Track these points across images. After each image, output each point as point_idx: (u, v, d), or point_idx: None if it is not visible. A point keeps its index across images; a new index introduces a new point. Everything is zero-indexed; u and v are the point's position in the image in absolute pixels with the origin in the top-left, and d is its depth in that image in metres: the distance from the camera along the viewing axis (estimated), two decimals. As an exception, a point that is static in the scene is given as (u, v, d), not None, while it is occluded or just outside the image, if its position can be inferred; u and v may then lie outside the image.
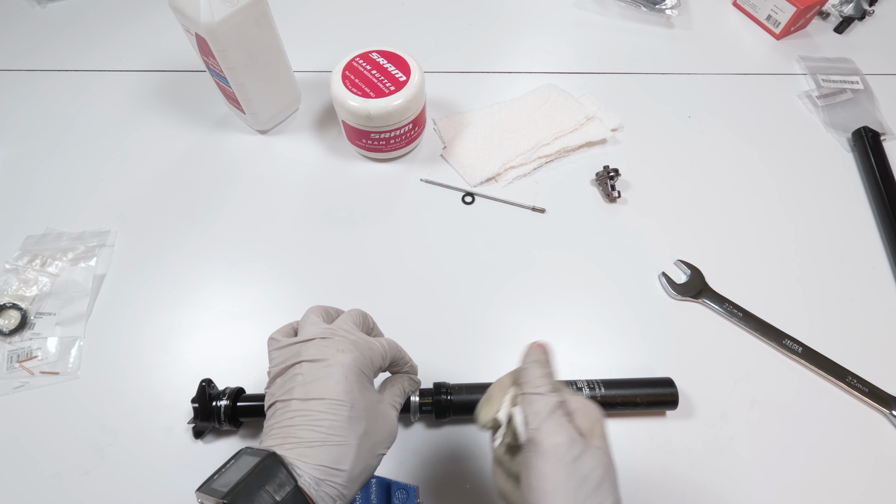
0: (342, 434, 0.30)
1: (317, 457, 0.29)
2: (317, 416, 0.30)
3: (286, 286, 0.56)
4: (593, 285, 0.57)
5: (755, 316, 0.55)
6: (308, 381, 0.31)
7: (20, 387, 0.50)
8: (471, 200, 0.62)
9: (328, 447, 0.30)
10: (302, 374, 0.32)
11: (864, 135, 0.66)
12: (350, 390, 0.31)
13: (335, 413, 0.30)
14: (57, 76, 0.72)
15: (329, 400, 0.31)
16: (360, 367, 0.33)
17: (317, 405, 0.31)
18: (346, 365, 0.32)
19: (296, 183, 0.63)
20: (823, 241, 0.60)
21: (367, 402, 0.32)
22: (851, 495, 0.47)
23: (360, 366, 0.33)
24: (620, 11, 0.81)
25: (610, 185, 0.62)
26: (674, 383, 0.48)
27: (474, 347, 0.53)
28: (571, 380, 0.48)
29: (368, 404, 0.33)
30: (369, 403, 0.33)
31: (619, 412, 0.49)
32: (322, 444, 0.30)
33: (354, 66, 0.59)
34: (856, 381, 0.51)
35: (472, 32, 0.78)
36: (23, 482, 0.46)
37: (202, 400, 0.45)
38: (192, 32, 0.54)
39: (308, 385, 0.31)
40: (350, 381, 0.32)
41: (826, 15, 0.80)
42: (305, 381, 0.31)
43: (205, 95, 0.69)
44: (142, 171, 0.64)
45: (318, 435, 0.30)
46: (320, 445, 0.30)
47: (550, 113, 0.68)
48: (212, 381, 0.47)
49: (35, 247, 0.57)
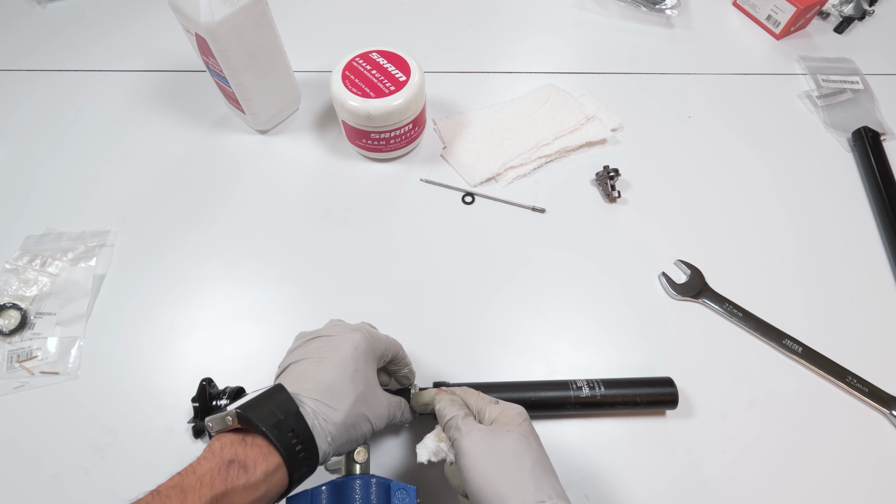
0: (344, 385, 0.37)
1: (320, 394, 0.36)
2: (326, 369, 0.37)
3: (286, 286, 0.56)
4: (593, 285, 0.57)
5: (755, 316, 0.55)
6: (323, 347, 0.39)
7: (20, 387, 0.50)
8: (471, 200, 0.62)
9: (330, 390, 0.36)
10: (318, 345, 0.39)
11: (864, 135, 0.66)
12: (357, 357, 0.38)
13: (342, 369, 0.37)
14: (57, 76, 0.72)
15: (339, 360, 0.37)
16: (368, 345, 0.39)
17: (328, 363, 0.37)
18: (356, 339, 0.39)
19: (296, 183, 0.63)
20: (823, 241, 0.60)
21: (367, 374, 0.39)
22: (851, 495, 0.47)
23: (367, 344, 0.39)
24: (620, 11, 0.81)
25: (610, 185, 0.62)
26: (673, 383, 0.48)
27: (474, 347, 0.53)
28: (571, 379, 0.48)
29: (369, 376, 0.39)
30: (370, 377, 0.39)
31: (620, 412, 0.49)
32: (326, 387, 0.36)
33: (354, 66, 0.59)
34: (856, 381, 0.51)
35: (472, 32, 0.78)
36: (23, 482, 0.46)
37: (202, 399, 0.45)
38: (192, 32, 0.54)
39: (322, 350, 0.38)
40: (358, 351, 0.38)
41: (826, 15, 0.80)
42: (320, 347, 0.39)
43: (205, 95, 0.69)
44: (142, 171, 0.64)
45: (324, 381, 0.36)
46: (324, 387, 0.36)
47: (550, 113, 0.68)
48: (212, 381, 0.47)
49: (35, 247, 0.57)
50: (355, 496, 0.36)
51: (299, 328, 0.42)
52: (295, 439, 0.33)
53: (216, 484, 0.30)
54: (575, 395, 0.47)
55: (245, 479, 0.31)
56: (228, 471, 0.31)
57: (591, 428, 0.49)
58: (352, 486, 0.37)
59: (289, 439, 0.33)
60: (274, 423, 0.33)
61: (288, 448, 0.33)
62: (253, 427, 0.33)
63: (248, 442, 0.33)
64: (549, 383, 0.48)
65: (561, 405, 0.47)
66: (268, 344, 0.52)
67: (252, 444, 0.33)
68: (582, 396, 0.47)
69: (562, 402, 0.47)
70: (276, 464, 0.32)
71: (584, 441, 0.48)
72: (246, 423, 0.33)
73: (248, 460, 0.32)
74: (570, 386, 0.47)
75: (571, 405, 0.47)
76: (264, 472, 0.32)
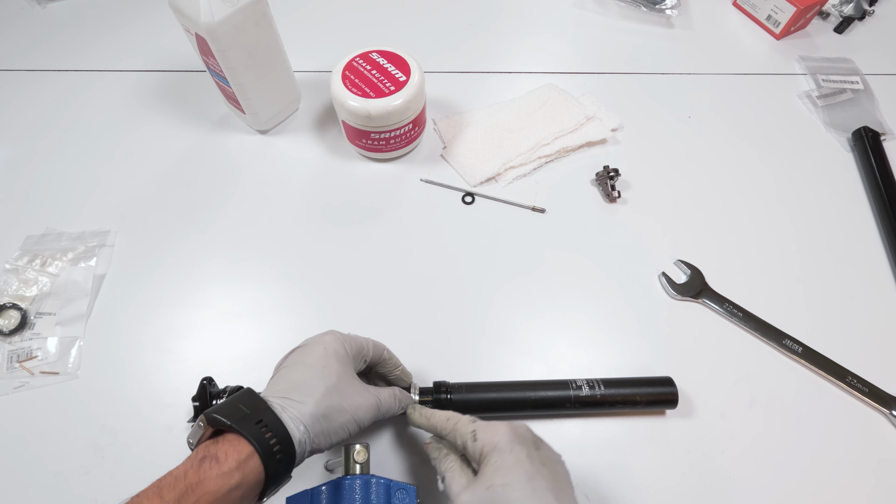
0: (311, 380, 0.38)
1: (287, 392, 0.37)
2: (296, 371, 0.39)
3: (286, 286, 0.56)
4: (593, 285, 0.57)
5: (755, 316, 0.55)
6: (296, 354, 0.40)
7: (20, 387, 0.50)
8: (471, 200, 0.62)
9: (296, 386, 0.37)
10: (293, 356, 0.40)
11: (864, 135, 0.66)
12: (326, 355, 0.39)
13: (310, 367, 0.38)
14: (57, 76, 0.72)
15: (309, 360, 0.39)
16: (339, 344, 0.40)
17: (298, 366, 0.39)
18: (326, 340, 0.40)
19: (296, 183, 0.63)
20: (823, 241, 0.60)
21: (340, 369, 0.39)
22: (852, 495, 0.47)
23: (338, 343, 0.40)
24: (620, 11, 0.81)
25: (610, 185, 0.62)
26: (673, 382, 0.48)
27: (474, 347, 0.53)
28: (570, 379, 0.48)
29: (342, 371, 0.39)
30: (343, 371, 0.39)
31: (619, 411, 0.49)
32: (292, 385, 0.37)
33: (354, 66, 0.59)
34: (856, 381, 0.51)
35: (472, 32, 0.78)
36: (23, 482, 0.46)
37: (203, 398, 0.45)
38: (192, 32, 0.54)
39: (295, 357, 0.40)
40: (328, 350, 0.39)
41: (826, 15, 0.80)
42: (294, 356, 0.40)
43: (205, 95, 0.69)
44: (142, 171, 0.64)
45: (292, 380, 0.38)
46: (291, 386, 0.37)
47: (550, 113, 0.68)
48: (212, 380, 0.47)
49: (35, 247, 0.57)
50: (355, 496, 0.37)
51: (299, 328, 0.42)
52: (265, 429, 0.34)
53: (189, 476, 0.32)
54: (575, 395, 0.47)
55: (217, 469, 0.32)
56: (201, 464, 0.32)
57: (591, 427, 0.49)
58: (352, 486, 0.37)
59: (258, 430, 0.34)
60: (240, 416, 0.34)
61: (258, 438, 0.33)
62: (222, 425, 0.34)
63: (220, 440, 0.34)
64: (549, 383, 0.48)
65: (560, 404, 0.47)
66: (268, 344, 0.52)
67: (223, 441, 0.33)
68: (582, 396, 0.47)
69: (561, 402, 0.47)
70: (247, 453, 0.33)
71: (583, 441, 0.48)
72: (215, 424, 0.34)
73: (219, 453, 0.33)
74: (569, 385, 0.47)
75: (571, 404, 0.47)
76: (236, 460, 0.32)
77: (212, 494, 0.31)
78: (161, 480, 0.32)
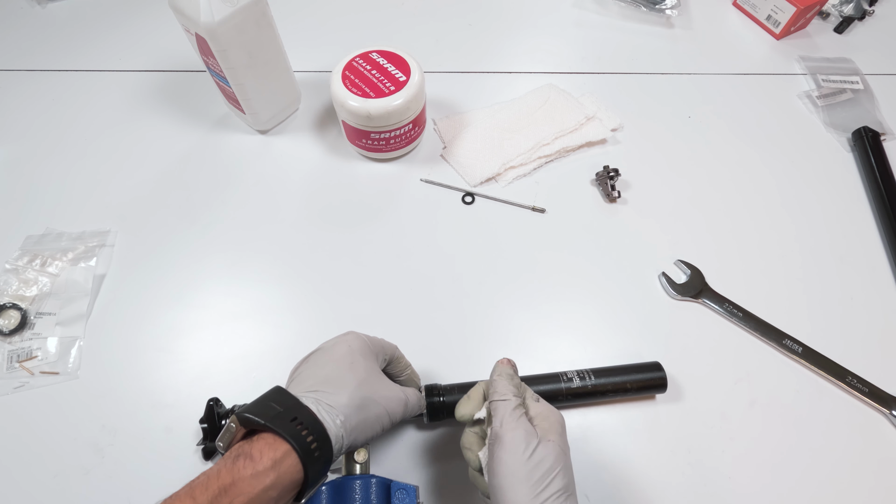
0: (342, 374, 0.38)
1: (318, 386, 0.37)
2: (322, 367, 0.38)
3: (286, 286, 0.56)
4: (593, 285, 0.57)
5: (755, 316, 0.55)
6: (317, 355, 0.40)
7: (20, 387, 0.50)
8: (471, 200, 0.62)
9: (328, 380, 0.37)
10: (313, 356, 0.40)
11: (864, 135, 0.66)
12: (352, 352, 0.39)
13: (338, 363, 0.38)
14: (57, 76, 0.72)
15: (335, 357, 0.39)
16: (362, 342, 0.41)
17: (324, 364, 0.38)
18: (349, 339, 0.40)
19: (296, 183, 0.63)
20: (824, 241, 0.60)
21: (367, 365, 0.39)
22: (852, 495, 0.47)
23: (361, 341, 0.41)
24: (620, 11, 0.81)
25: (610, 185, 0.62)
26: (661, 367, 0.49)
27: (474, 347, 0.53)
28: (561, 371, 0.48)
29: (370, 367, 0.39)
30: (370, 367, 0.40)
31: (612, 399, 0.49)
32: (323, 379, 0.37)
33: (354, 66, 0.59)
34: (856, 381, 0.51)
35: (472, 32, 0.78)
36: (23, 482, 0.46)
37: (211, 419, 0.44)
38: (192, 32, 0.54)
39: (318, 357, 0.39)
40: (352, 347, 0.40)
41: (826, 15, 0.80)
42: (315, 356, 0.40)
43: (205, 95, 0.69)
44: (142, 171, 0.64)
45: (321, 376, 0.37)
46: (321, 380, 0.37)
47: (550, 113, 0.68)
48: (219, 400, 0.46)
49: (35, 247, 0.57)
50: (355, 496, 0.36)
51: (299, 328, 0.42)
52: (300, 426, 0.33)
53: (223, 475, 0.31)
54: (566, 387, 0.47)
55: (252, 468, 0.31)
56: (235, 463, 0.31)
57: (591, 427, 0.49)
58: (352, 486, 0.37)
59: (293, 427, 0.33)
60: (273, 415, 0.33)
61: (294, 435, 0.32)
62: (255, 425, 0.33)
63: (255, 439, 0.33)
64: (541, 377, 0.48)
65: (553, 397, 0.47)
66: (268, 344, 0.52)
67: (258, 439, 0.33)
68: (573, 387, 0.47)
69: (554, 395, 0.47)
70: (283, 451, 0.32)
71: (583, 440, 0.48)
72: (247, 424, 0.34)
73: (253, 451, 0.32)
74: (560, 378, 0.48)
75: (563, 396, 0.47)
76: (271, 459, 0.32)
77: (246, 495, 0.31)
78: (194, 481, 0.31)
